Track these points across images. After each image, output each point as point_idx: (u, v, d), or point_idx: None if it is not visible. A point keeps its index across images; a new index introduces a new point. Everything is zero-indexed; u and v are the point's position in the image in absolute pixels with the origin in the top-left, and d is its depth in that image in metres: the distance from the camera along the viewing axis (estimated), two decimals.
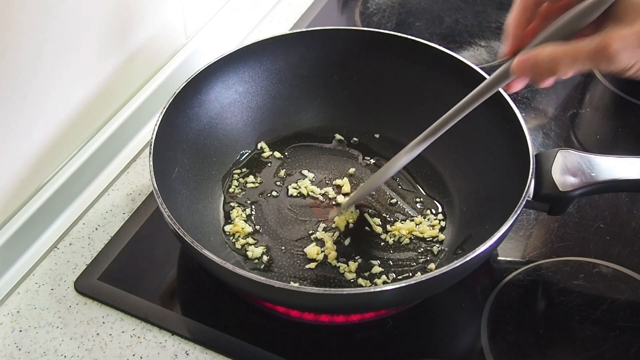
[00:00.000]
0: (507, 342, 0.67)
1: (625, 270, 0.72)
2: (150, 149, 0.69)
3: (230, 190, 0.79)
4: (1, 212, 0.71)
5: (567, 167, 0.67)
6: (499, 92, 0.71)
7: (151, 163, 0.68)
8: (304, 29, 0.82)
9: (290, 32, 0.83)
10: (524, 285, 0.71)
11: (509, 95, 0.70)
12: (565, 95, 0.93)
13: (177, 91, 0.74)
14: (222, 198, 0.78)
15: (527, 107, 0.91)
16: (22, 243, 0.73)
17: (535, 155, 0.68)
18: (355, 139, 0.84)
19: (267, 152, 0.83)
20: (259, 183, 0.80)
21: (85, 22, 0.73)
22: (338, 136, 0.84)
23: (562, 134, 0.87)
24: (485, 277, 0.71)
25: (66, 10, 0.70)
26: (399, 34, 0.80)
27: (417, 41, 0.79)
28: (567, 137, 0.87)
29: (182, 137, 0.76)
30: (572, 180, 0.66)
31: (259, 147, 0.83)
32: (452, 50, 0.98)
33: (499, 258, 0.73)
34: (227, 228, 0.75)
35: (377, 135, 0.84)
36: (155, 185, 0.66)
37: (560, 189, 0.66)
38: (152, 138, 0.70)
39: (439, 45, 0.79)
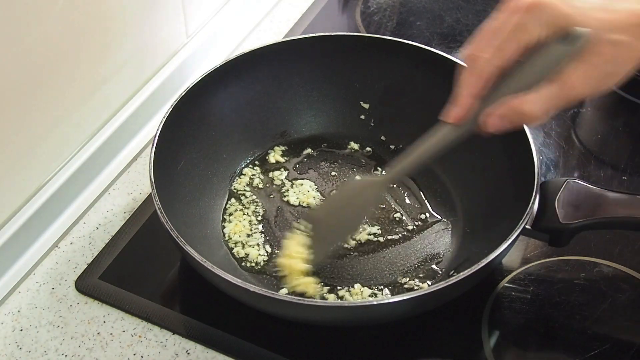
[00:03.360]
0: (507, 341, 0.67)
1: (626, 269, 0.72)
2: (154, 141, 0.69)
3: (236, 189, 0.79)
4: (2, 211, 0.71)
5: (572, 199, 0.65)
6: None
7: (152, 155, 0.68)
8: (330, 33, 0.81)
9: (317, 34, 0.81)
10: (525, 284, 0.71)
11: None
12: None
13: (192, 85, 0.74)
14: (226, 196, 0.78)
15: None
16: (23, 242, 0.73)
17: (542, 183, 0.67)
18: (368, 148, 0.83)
19: (279, 154, 0.82)
20: (265, 185, 0.80)
21: (88, 21, 0.73)
22: (352, 144, 0.83)
23: (563, 133, 0.87)
24: (486, 276, 0.71)
25: (67, 9, 0.70)
26: (428, 48, 0.78)
27: (444, 57, 0.77)
28: (567, 136, 0.87)
29: (193, 130, 0.76)
30: (574, 213, 0.64)
31: (271, 148, 0.83)
32: (452, 50, 0.99)
33: None
34: (226, 227, 0.75)
35: (392, 147, 0.83)
36: (152, 177, 0.66)
37: (560, 221, 0.64)
38: (157, 129, 0.70)
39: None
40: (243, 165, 0.81)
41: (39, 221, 0.74)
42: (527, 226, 0.65)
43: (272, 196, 0.79)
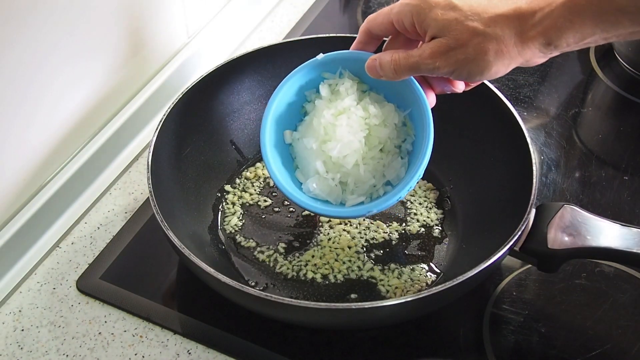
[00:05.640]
0: (508, 341, 0.67)
1: (627, 269, 0.72)
2: (158, 125, 0.71)
3: (239, 181, 0.80)
4: (3, 211, 0.71)
5: (565, 225, 0.65)
6: (521, 132, 0.70)
7: (154, 139, 0.69)
8: (332, 35, 0.80)
9: (319, 36, 0.81)
10: (526, 284, 0.71)
11: (528, 138, 0.69)
12: (567, 95, 0.93)
13: (192, 85, 0.75)
14: (230, 188, 0.79)
15: (529, 106, 0.91)
16: (24, 242, 0.73)
17: (539, 206, 0.67)
18: None
19: None
20: (269, 177, 0.80)
21: (89, 23, 0.73)
22: None
23: (564, 133, 0.87)
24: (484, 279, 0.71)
25: (68, 11, 0.70)
26: None
27: None
28: (569, 136, 0.87)
29: (203, 119, 0.77)
30: (564, 239, 0.64)
31: None
32: None
33: None
34: (228, 217, 0.77)
35: None
36: (150, 161, 0.67)
37: (548, 246, 0.63)
38: (164, 114, 0.72)
39: None
40: (251, 158, 0.82)
41: (40, 221, 0.74)
42: (516, 248, 0.64)
43: (270, 191, 0.80)
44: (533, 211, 0.66)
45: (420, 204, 0.78)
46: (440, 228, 0.76)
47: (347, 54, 0.66)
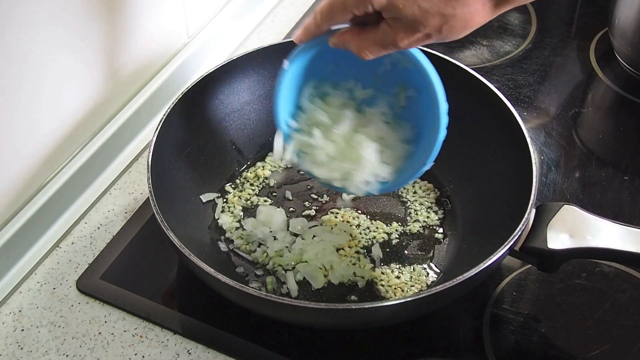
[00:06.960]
0: (508, 341, 0.67)
1: (627, 269, 0.72)
2: (158, 125, 0.71)
3: (239, 181, 0.80)
4: (4, 211, 0.71)
5: (565, 225, 0.65)
6: (521, 132, 0.70)
7: (154, 139, 0.69)
8: None
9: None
10: (527, 284, 0.71)
11: (528, 138, 0.69)
12: (567, 95, 0.93)
13: (192, 85, 0.75)
14: (232, 188, 0.79)
15: (529, 106, 0.91)
16: (24, 242, 0.73)
17: (538, 206, 0.67)
18: None
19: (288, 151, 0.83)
20: (269, 177, 0.81)
21: (88, 22, 0.73)
22: None
23: (564, 133, 0.87)
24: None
25: (69, 10, 0.70)
26: (429, 50, 0.76)
27: (445, 59, 0.77)
28: (569, 136, 0.87)
29: (203, 119, 0.78)
30: (564, 239, 0.64)
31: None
32: (453, 50, 0.98)
33: None
34: (225, 216, 0.77)
35: None
36: (150, 161, 0.68)
37: (548, 246, 0.63)
38: (164, 114, 0.72)
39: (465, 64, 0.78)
40: (251, 157, 0.82)
41: (40, 221, 0.74)
42: (516, 248, 0.64)
43: (271, 190, 0.80)
44: (533, 211, 0.66)
45: (420, 204, 0.78)
46: (440, 228, 0.76)
47: (308, 48, 0.66)
